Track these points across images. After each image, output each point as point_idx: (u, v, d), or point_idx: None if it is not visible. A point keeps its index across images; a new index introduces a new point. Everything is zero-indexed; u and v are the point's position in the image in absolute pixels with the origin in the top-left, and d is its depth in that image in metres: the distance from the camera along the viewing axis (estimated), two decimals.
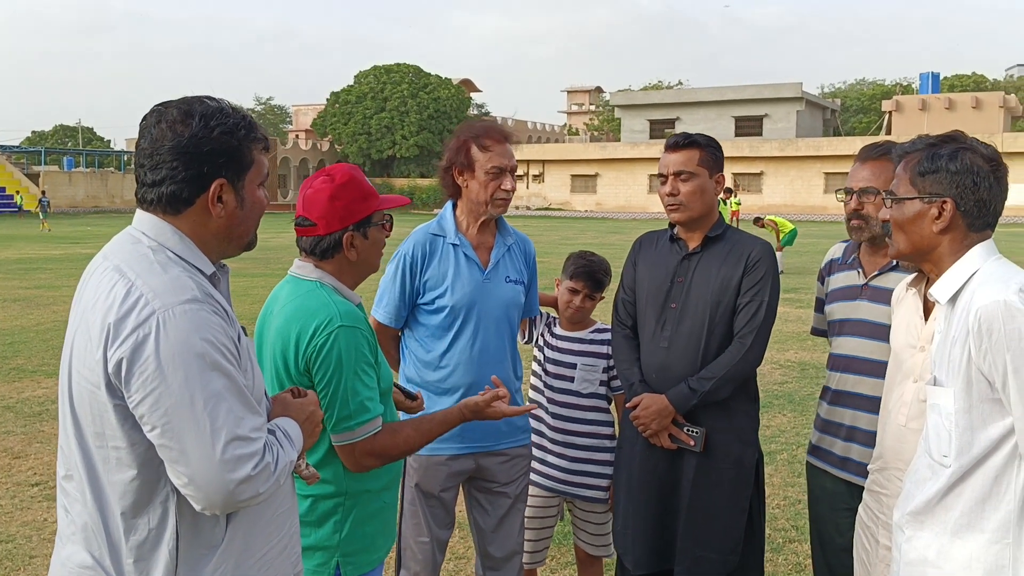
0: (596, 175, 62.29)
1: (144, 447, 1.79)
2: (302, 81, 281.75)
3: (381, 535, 2.62)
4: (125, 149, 75.76)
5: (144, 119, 1.90)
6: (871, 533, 2.88)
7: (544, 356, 3.81)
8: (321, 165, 73.70)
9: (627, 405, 3.35)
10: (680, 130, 64.40)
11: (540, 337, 3.86)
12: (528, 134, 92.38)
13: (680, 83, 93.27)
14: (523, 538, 3.59)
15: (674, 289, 3.33)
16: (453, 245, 3.37)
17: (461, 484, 3.51)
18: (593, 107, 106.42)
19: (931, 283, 2.45)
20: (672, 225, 3.44)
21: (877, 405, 2.92)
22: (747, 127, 62.67)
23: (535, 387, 3.85)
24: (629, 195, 60.86)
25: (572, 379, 3.74)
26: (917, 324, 2.71)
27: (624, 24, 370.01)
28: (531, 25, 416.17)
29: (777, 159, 55.98)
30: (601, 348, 3.74)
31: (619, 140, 70.38)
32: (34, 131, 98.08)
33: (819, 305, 3.49)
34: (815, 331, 3.59)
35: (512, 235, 3.53)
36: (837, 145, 55.44)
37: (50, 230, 38.04)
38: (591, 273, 3.76)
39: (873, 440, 2.93)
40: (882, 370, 2.91)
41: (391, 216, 2.63)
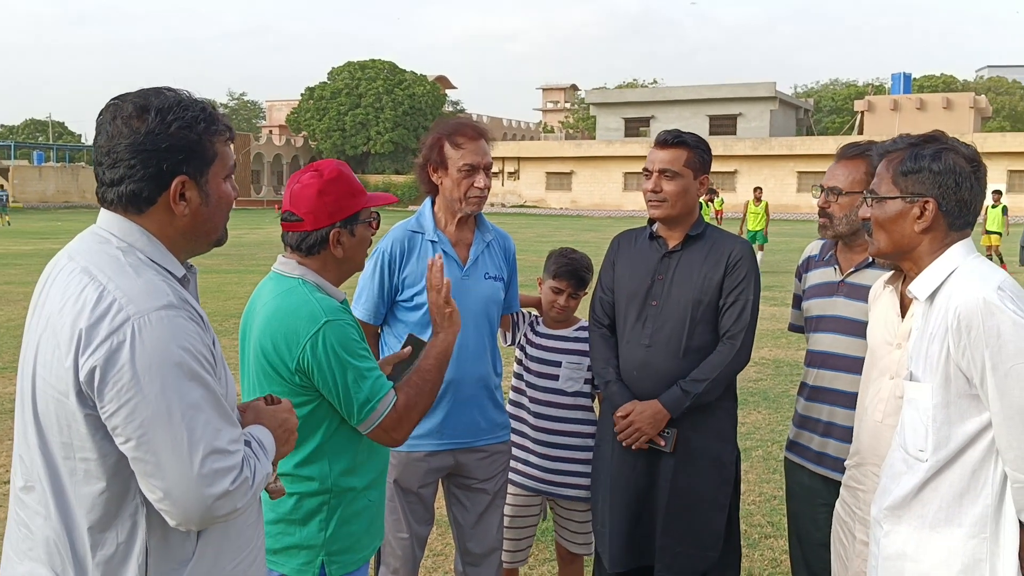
0: (571, 173, 62.31)
1: (115, 458, 1.71)
2: (276, 76, 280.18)
3: (367, 534, 2.60)
4: None
5: (100, 114, 1.81)
6: (848, 528, 2.90)
7: (527, 354, 3.80)
8: (295, 161, 73.36)
9: (617, 414, 3.34)
10: (655, 129, 64.34)
11: (522, 337, 3.85)
12: (503, 131, 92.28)
13: (655, 81, 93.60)
14: (502, 534, 3.60)
15: (655, 287, 3.34)
16: (431, 242, 3.37)
17: (440, 480, 3.51)
18: (568, 105, 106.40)
19: (909, 280, 2.48)
20: (651, 223, 3.45)
21: (854, 401, 2.94)
22: (721, 126, 62.89)
23: (516, 387, 3.84)
24: (604, 193, 60.93)
25: (557, 377, 3.73)
26: (894, 321, 2.74)
27: (599, 22, 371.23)
28: (507, 22, 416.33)
29: (751, 158, 56.23)
30: (586, 346, 3.73)
31: (594, 138, 70.43)
32: (3, 125, 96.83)
33: (796, 301, 3.51)
34: (792, 327, 3.61)
35: (491, 232, 3.53)
36: (810, 144, 55.77)
37: (10, 223, 37.51)
38: (574, 271, 3.74)
39: (850, 436, 2.96)
40: (859, 366, 2.94)
41: (378, 214, 2.62)
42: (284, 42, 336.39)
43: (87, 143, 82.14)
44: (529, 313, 3.90)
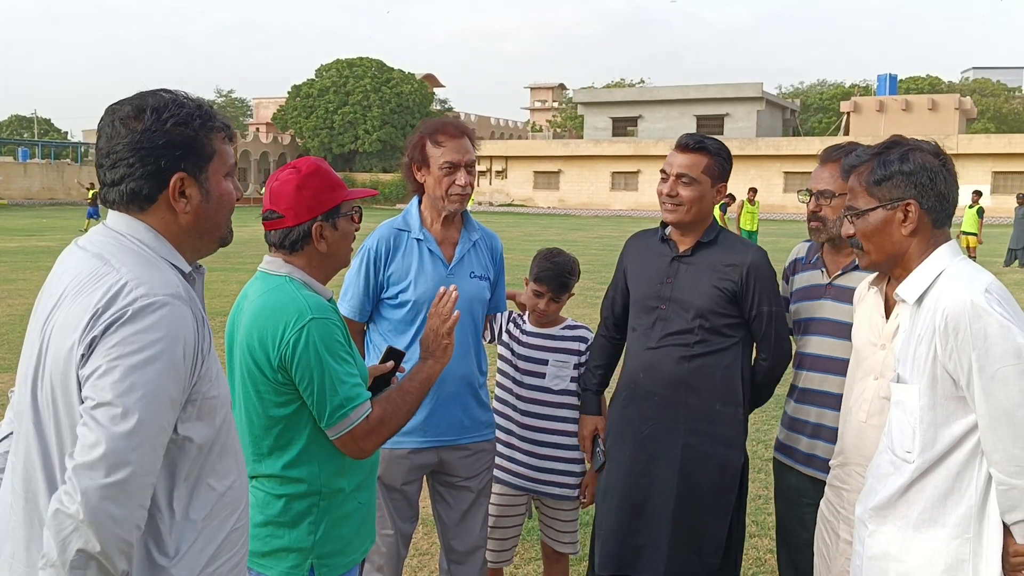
0: (559, 172, 62.35)
1: None
2: (265, 73, 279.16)
3: (356, 536, 2.58)
4: (83, 141, 74.63)
5: (100, 119, 1.86)
6: (832, 527, 2.91)
7: (513, 352, 3.79)
8: (282, 159, 73.15)
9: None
10: (642, 128, 64.33)
11: (506, 333, 3.84)
12: (491, 130, 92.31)
13: (643, 81, 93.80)
14: (486, 532, 3.60)
15: (663, 290, 3.31)
16: (417, 240, 3.38)
17: (425, 478, 3.51)
18: (556, 104, 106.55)
19: (894, 281, 2.49)
20: (664, 225, 3.42)
21: None
22: (708, 126, 62.95)
23: (501, 384, 3.83)
24: (592, 192, 61.01)
25: (544, 375, 3.73)
26: (878, 322, 2.75)
27: (588, 22, 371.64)
28: (495, 21, 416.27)
29: (738, 158, 56.20)
30: (572, 344, 3.74)
31: (582, 137, 70.51)
32: None
33: (784, 304, 3.52)
34: None
35: (478, 231, 3.53)
36: (796, 145, 56.00)
37: None
38: (555, 276, 3.70)
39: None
40: (847, 368, 2.94)
41: (360, 207, 2.60)
42: (273, 39, 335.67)
43: (72, 140, 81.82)
44: (512, 312, 3.89)
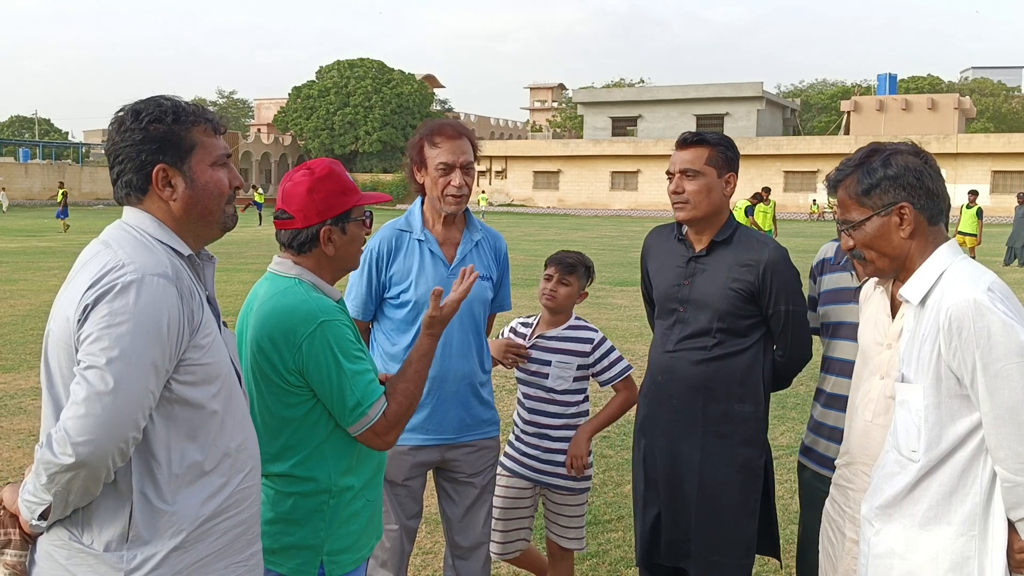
0: (559, 172, 62.40)
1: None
2: (267, 74, 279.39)
3: (365, 533, 2.60)
4: (83, 141, 74.57)
5: (108, 126, 2.10)
6: (837, 527, 2.91)
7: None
8: (283, 160, 73.18)
9: None
10: (642, 128, 64.21)
11: (512, 333, 3.93)
12: (491, 130, 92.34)
13: (642, 81, 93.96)
14: (489, 528, 3.63)
15: (681, 292, 3.31)
16: (419, 241, 3.40)
17: (431, 474, 3.54)
18: (556, 104, 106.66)
19: (899, 281, 2.50)
20: (680, 224, 3.41)
21: None
22: (708, 125, 62.86)
23: (518, 379, 3.92)
24: (591, 192, 61.05)
25: (547, 376, 3.78)
26: (884, 321, 2.75)
27: (588, 21, 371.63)
28: (495, 22, 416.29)
29: None
30: (574, 346, 3.78)
31: (582, 137, 70.54)
32: None
33: (811, 303, 3.42)
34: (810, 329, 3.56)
35: (480, 231, 3.54)
36: (797, 144, 56.04)
37: None
38: (560, 259, 3.84)
39: None
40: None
41: (371, 212, 2.61)
42: (275, 40, 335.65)
43: (73, 140, 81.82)
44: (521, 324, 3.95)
